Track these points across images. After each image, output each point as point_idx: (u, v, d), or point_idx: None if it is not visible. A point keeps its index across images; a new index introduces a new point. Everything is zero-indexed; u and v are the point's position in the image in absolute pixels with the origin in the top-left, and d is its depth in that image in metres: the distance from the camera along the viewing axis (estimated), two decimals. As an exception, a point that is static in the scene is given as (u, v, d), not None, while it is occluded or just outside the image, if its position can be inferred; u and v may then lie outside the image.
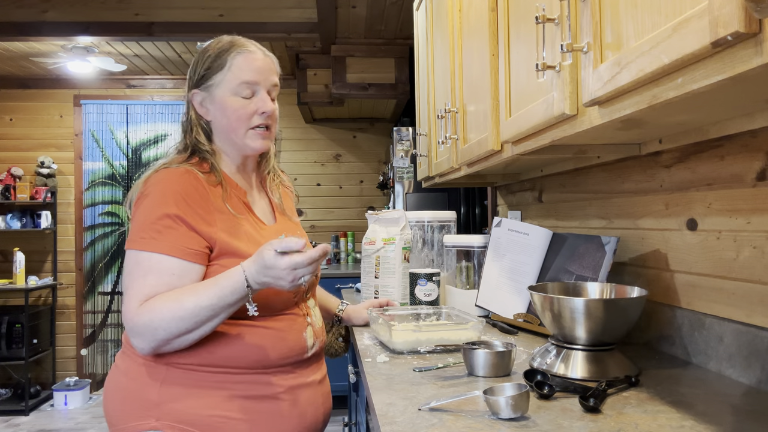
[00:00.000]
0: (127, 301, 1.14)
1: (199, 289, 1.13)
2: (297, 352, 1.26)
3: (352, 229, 5.35)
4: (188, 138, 1.31)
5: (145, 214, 1.18)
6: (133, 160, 5.26)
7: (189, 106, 1.32)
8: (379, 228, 2.01)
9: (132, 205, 1.23)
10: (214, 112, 1.29)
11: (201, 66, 1.29)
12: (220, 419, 1.15)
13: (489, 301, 1.74)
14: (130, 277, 1.16)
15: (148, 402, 1.16)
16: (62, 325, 5.17)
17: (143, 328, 1.11)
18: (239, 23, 3.78)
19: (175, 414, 1.15)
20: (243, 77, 1.25)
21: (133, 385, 1.19)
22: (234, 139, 1.29)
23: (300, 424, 1.24)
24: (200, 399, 1.16)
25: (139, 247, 1.17)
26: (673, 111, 0.93)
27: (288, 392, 1.23)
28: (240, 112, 1.26)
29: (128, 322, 1.13)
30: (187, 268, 1.16)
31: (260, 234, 1.28)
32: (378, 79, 4.37)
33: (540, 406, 0.96)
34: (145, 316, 1.11)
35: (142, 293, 1.13)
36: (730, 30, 0.59)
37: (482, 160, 1.68)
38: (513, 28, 1.35)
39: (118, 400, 1.21)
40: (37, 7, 3.68)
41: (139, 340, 1.13)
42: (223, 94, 1.26)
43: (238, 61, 1.26)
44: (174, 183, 1.20)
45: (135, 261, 1.17)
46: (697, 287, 1.22)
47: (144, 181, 1.23)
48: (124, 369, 1.23)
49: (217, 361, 1.17)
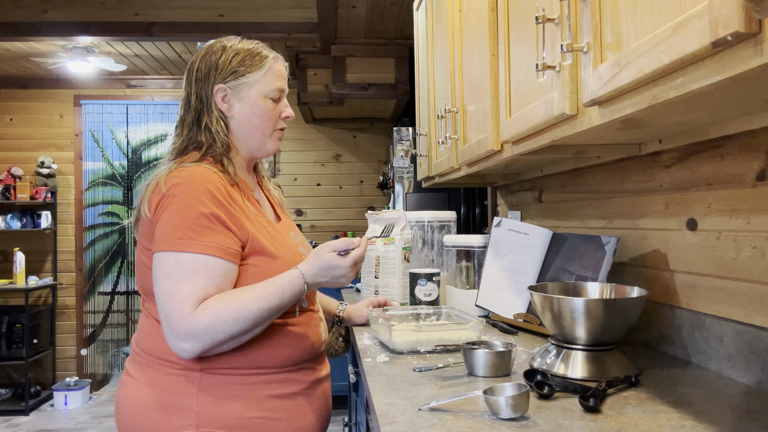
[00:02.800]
0: (177, 305, 1.09)
1: (258, 291, 1.13)
2: (317, 347, 1.29)
3: (352, 229, 5.35)
4: (207, 134, 1.26)
5: (179, 215, 1.13)
6: (133, 160, 5.26)
7: (204, 101, 1.27)
8: (379, 228, 2.01)
9: (149, 205, 1.17)
10: (241, 109, 1.28)
11: (234, 61, 1.26)
12: (258, 420, 1.16)
13: (489, 301, 1.74)
14: (172, 280, 1.11)
15: (186, 411, 1.13)
16: (62, 325, 5.17)
17: (202, 331, 1.08)
18: (239, 23, 3.78)
19: (215, 420, 1.13)
20: (278, 83, 1.31)
21: (166, 396, 1.15)
22: (257, 138, 1.30)
23: (320, 417, 1.28)
24: (238, 402, 1.15)
25: (179, 249, 1.11)
26: (673, 111, 0.93)
27: (310, 387, 1.26)
28: (269, 115, 1.30)
29: (183, 326, 1.08)
30: (229, 269, 1.14)
31: (277, 232, 1.28)
32: (378, 79, 4.38)
33: (540, 406, 0.96)
34: (207, 319, 1.08)
35: (194, 296, 1.09)
36: (730, 30, 0.59)
37: (482, 160, 1.68)
38: (513, 28, 1.35)
39: (146, 413, 1.16)
40: (37, 7, 3.68)
41: (192, 344, 1.09)
42: (256, 95, 1.28)
43: (276, 66, 1.31)
44: (203, 181, 1.16)
45: (176, 263, 1.11)
46: (697, 287, 1.23)
47: (164, 181, 1.17)
48: (145, 380, 1.18)
49: (250, 362, 1.17)
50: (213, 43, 1.31)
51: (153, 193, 1.17)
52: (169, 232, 1.12)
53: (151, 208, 1.16)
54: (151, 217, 1.16)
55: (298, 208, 5.40)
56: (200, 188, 1.14)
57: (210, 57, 1.29)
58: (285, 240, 1.30)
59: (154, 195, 1.17)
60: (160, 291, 1.12)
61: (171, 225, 1.13)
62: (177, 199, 1.14)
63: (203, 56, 1.30)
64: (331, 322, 1.66)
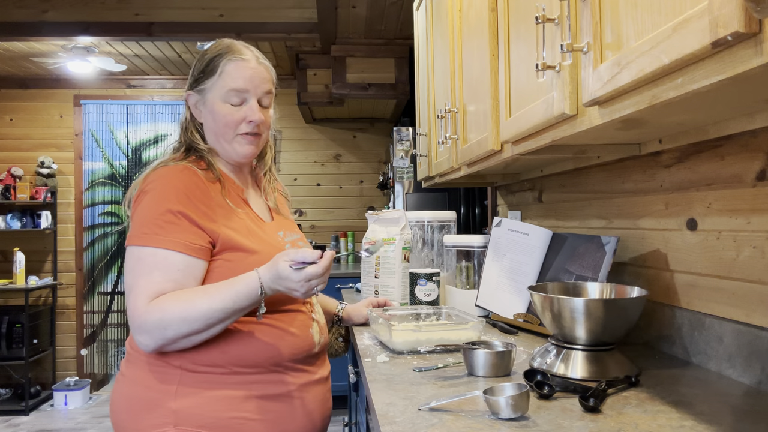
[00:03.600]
0: (133, 298, 1.13)
1: (212, 291, 1.13)
2: (306, 348, 1.27)
3: (352, 229, 5.35)
4: (184, 136, 1.34)
5: (146, 211, 1.17)
6: (133, 160, 5.26)
7: (186, 108, 1.36)
8: (379, 228, 2.01)
9: (131, 203, 1.22)
10: (206, 115, 1.31)
11: (197, 69, 1.32)
12: (238, 421, 1.15)
13: (489, 301, 1.74)
14: (133, 274, 1.15)
15: (164, 409, 1.14)
16: (62, 325, 5.17)
17: (152, 326, 1.10)
18: (239, 23, 3.79)
19: (193, 418, 1.13)
20: (232, 84, 1.26)
21: (146, 393, 1.16)
22: (221, 143, 1.31)
23: (310, 422, 1.26)
24: (217, 401, 1.15)
25: (141, 243, 1.16)
26: (673, 111, 0.93)
27: (299, 390, 1.24)
28: (227, 119, 1.28)
29: (136, 320, 1.11)
30: (191, 264, 1.16)
31: (261, 229, 1.30)
32: (378, 79, 4.38)
33: (540, 406, 0.96)
34: (156, 314, 1.10)
35: (149, 290, 1.12)
36: (730, 30, 0.59)
37: (482, 160, 1.68)
38: (513, 28, 1.35)
39: (129, 410, 1.18)
40: (37, 7, 3.68)
41: (145, 338, 1.12)
42: (213, 99, 1.28)
43: (229, 68, 1.26)
44: (174, 179, 1.20)
45: (137, 257, 1.16)
46: (697, 287, 1.22)
47: (143, 179, 1.23)
48: (132, 378, 1.20)
49: (231, 360, 1.17)
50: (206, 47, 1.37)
51: (135, 191, 1.23)
52: (136, 227, 1.18)
53: (132, 205, 1.22)
54: (129, 213, 1.22)
55: (298, 208, 5.40)
56: (169, 186, 1.19)
57: (193, 63, 1.34)
58: (268, 237, 1.30)
59: (135, 192, 1.22)
60: (125, 284, 1.17)
61: (139, 220, 1.18)
62: (148, 195, 1.19)
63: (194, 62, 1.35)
64: (330, 322, 1.66)
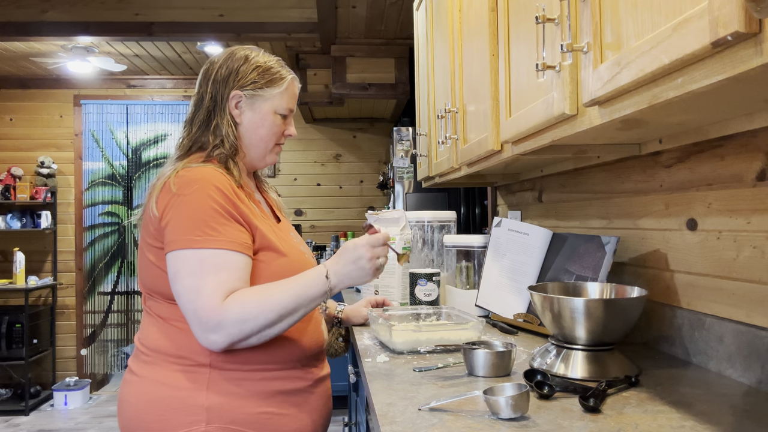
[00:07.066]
0: (203, 298, 1.11)
1: (282, 283, 1.17)
2: (319, 344, 1.33)
3: (352, 229, 5.34)
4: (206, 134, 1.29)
5: (192, 213, 1.15)
6: (133, 160, 5.26)
7: (218, 102, 1.30)
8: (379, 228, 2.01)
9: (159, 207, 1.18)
10: (251, 119, 1.32)
11: (255, 73, 1.31)
12: (267, 416, 1.18)
13: (489, 301, 1.74)
14: (196, 276, 1.13)
15: (196, 407, 1.15)
16: (62, 325, 5.17)
17: (231, 321, 1.10)
18: (239, 23, 3.79)
19: (225, 416, 1.15)
20: (290, 103, 1.37)
21: (172, 393, 1.16)
22: (260, 148, 1.35)
23: (323, 415, 1.30)
24: (247, 398, 1.17)
25: (199, 246, 1.13)
26: (673, 111, 0.93)
27: (314, 384, 1.28)
28: (275, 129, 1.35)
29: (213, 318, 1.10)
30: (249, 262, 1.18)
31: (280, 230, 1.32)
32: (378, 79, 4.38)
33: (540, 406, 0.96)
34: (235, 309, 1.11)
35: (222, 288, 1.12)
36: (730, 30, 0.59)
37: (482, 160, 1.68)
38: (513, 28, 1.35)
39: (152, 411, 1.17)
40: (37, 7, 3.68)
41: (221, 334, 1.11)
42: (268, 108, 1.33)
43: (293, 88, 1.37)
44: (213, 179, 1.19)
45: (197, 259, 1.13)
46: (697, 287, 1.22)
47: (174, 182, 1.18)
48: (153, 378, 1.19)
49: (257, 359, 1.19)
50: (236, 49, 1.36)
51: (161, 193, 1.19)
52: (185, 230, 1.15)
53: (159, 208, 1.18)
54: (159, 216, 1.18)
55: (298, 208, 5.40)
56: (210, 186, 1.17)
57: (232, 63, 1.32)
58: (288, 239, 1.34)
59: (162, 195, 1.19)
60: (184, 288, 1.13)
61: (186, 223, 1.15)
62: (188, 198, 1.16)
63: (225, 60, 1.33)
64: (330, 323, 1.67)
